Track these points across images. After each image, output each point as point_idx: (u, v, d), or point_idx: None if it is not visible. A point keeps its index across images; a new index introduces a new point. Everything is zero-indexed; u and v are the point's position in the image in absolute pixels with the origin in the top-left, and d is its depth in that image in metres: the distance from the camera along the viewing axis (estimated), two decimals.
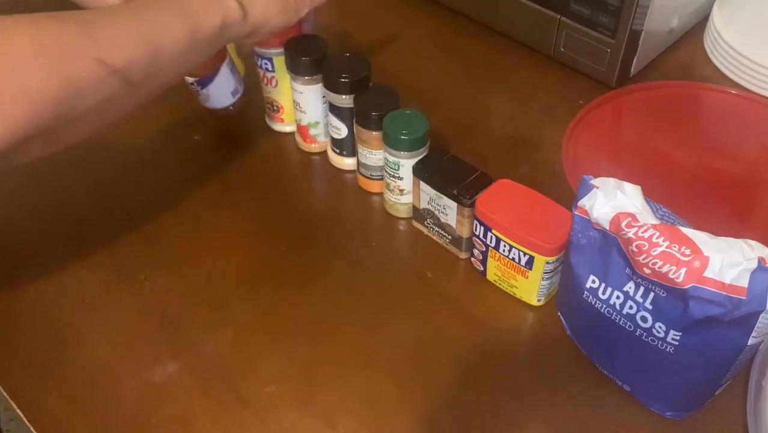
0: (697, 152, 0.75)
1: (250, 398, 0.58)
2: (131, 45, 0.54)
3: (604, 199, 0.51)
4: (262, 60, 0.74)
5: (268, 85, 0.75)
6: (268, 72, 0.74)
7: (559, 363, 0.60)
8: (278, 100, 0.76)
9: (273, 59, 0.73)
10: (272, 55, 0.73)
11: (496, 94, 0.83)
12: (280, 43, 0.71)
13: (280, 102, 0.76)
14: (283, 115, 0.77)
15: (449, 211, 0.64)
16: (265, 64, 0.74)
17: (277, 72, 0.74)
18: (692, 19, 0.89)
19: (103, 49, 0.52)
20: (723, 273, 0.46)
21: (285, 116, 0.77)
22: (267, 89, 0.76)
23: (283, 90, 0.75)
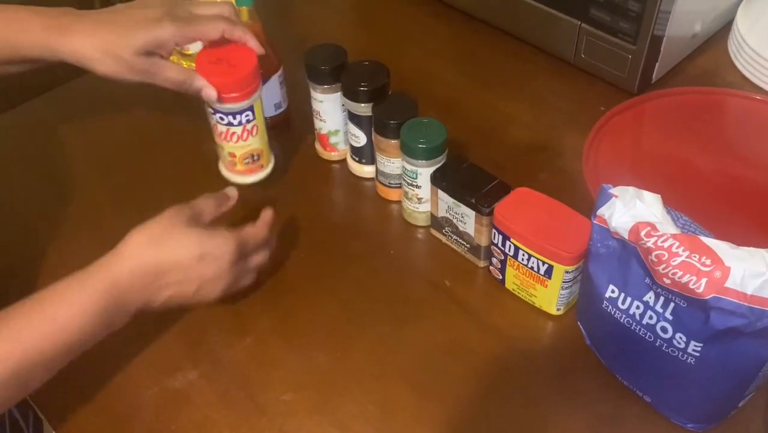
0: (720, 159, 0.74)
1: (267, 405, 0.58)
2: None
3: (624, 209, 0.51)
4: (239, 115, 0.67)
5: (250, 137, 0.69)
6: (248, 123, 0.68)
7: (578, 373, 0.59)
8: (260, 147, 0.71)
9: (253, 106, 0.68)
10: (254, 102, 0.67)
11: (516, 101, 0.83)
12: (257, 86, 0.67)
13: (261, 148, 0.71)
14: (263, 160, 0.72)
15: (467, 220, 0.64)
16: (245, 117, 0.67)
17: (258, 117, 0.69)
18: (716, 24, 0.87)
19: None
20: (745, 284, 0.45)
21: (264, 161, 0.72)
22: (247, 142, 0.69)
23: (262, 134, 0.70)
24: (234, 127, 0.68)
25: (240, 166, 0.71)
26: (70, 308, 0.53)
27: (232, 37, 0.65)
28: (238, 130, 0.68)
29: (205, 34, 0.64)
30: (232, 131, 0.68)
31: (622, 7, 0.75)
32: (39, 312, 0.52)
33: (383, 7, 0.97)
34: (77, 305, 0.53)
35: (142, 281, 0.55)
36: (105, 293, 0.54)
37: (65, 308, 0.53)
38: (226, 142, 0.69)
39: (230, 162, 0.71)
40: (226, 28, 0.64)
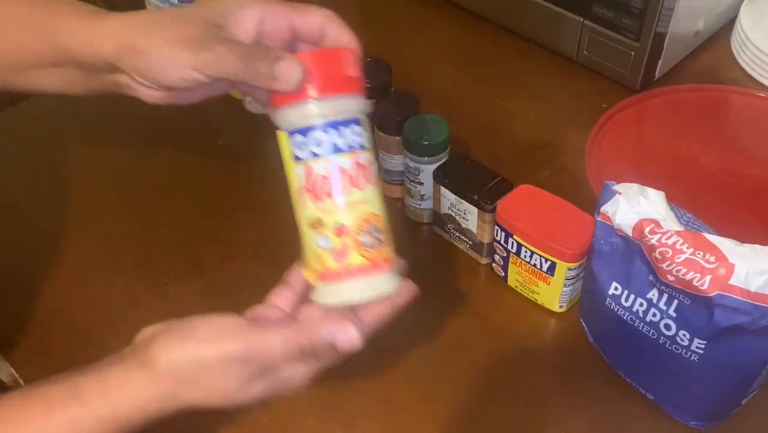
0: (723, 157, 0.74)
1: (270, 403, 0.58)
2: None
3: (627, 206, 0.50)
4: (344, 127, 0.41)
5: (365, 183, 0.42)
6: (361, 151, 0.42)
7: (581, 371, 0.59)
8: (379, 213, 0.44)
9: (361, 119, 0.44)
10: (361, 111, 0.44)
11: (518, 98, 0.83)
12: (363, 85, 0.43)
13: (381, 214, 0.44)
14: (389, 246, 0.45)
15: (470, 217, 0.64)
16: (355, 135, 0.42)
17: (369, 146, 0.44)
18: (719, 21, 0.87)
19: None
20: (749, 281, 0.45)
21: (391, 248, 0.45)
22: (361, 194, 0.42)
23: (379, 186, 0.44)
24: (340, 157, 0.40)
25: (354, 256, 0.41)
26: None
27: (336, 32, 0.47)
28: (346, 162, 0.40)
29: (305, 14, 0.46)
30: (337, 164, 0.40)
31: (625, 3, 0.75)
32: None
33: (385, 4, 0.97)
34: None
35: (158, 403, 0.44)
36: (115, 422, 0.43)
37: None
38: (318, 202, 0.41)
39: (327, 252, 0.42)
40: (333, 16, 0.47)
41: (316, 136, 0.40)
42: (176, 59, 0.43)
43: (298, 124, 0.41)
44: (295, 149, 0.41)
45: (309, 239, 0.42)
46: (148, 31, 0.44)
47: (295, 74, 0.41)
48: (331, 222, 0.41)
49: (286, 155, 0.42)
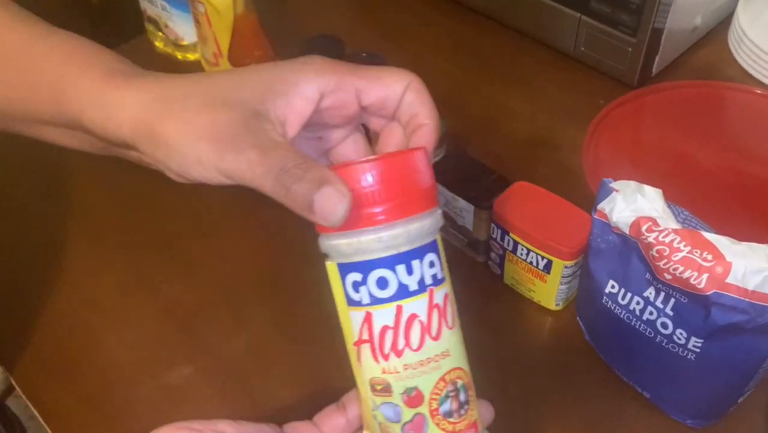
0: (721, 154, 0.73)
1: (265, 401, 0.58)
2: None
3: (624, 203, 0.50)
4: (419, 259, 0.34)
5: (443, 329, 0.35)
6: (437, 288, 0.35)
7: (577, 369, 0.59)
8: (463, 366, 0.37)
9: (438, 246, 0.36)
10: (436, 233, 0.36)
11: (515, 94, 0.82)
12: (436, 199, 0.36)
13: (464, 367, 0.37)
14: (475, 407, 0.38)
15: (466, 215, 0.63)
16: (430, 267, 0.35)
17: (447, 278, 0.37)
18: (716, 17, 0.87)
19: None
20: (746, 279, 0.45)
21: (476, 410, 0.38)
22: (438, 345, 0.35)
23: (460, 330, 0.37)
24: (413, 302, 0.33)
25: (432, 430, 0.34)
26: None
27: (417, 98, 0.39)
28: (421, 309, 0.33)
29: (379, 83, 0.38)
30: (411, 310, 0.33)
31: None
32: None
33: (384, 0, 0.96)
34: None
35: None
36: None
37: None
38: (382, 361, 0.34)
39: (395, 426, 0.34)
40: (417, 86, 0.39)
41: (379, 274, 0.31)
42: (198, 158, 0.35)
43: (354, 258, 0.31)
44: (350, 290, 0.32)
45: (370, 402, 0.33)
46: (171, 114, 0.35)
47: (339, 211, 0.31)
48: (401, 387, 0.32)
49: (338, 294, 0.33)
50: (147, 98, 0.36)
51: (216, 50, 0.80)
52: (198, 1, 0.77)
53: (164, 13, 0.84)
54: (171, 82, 0.37)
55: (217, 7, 0.76)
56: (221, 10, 0.76)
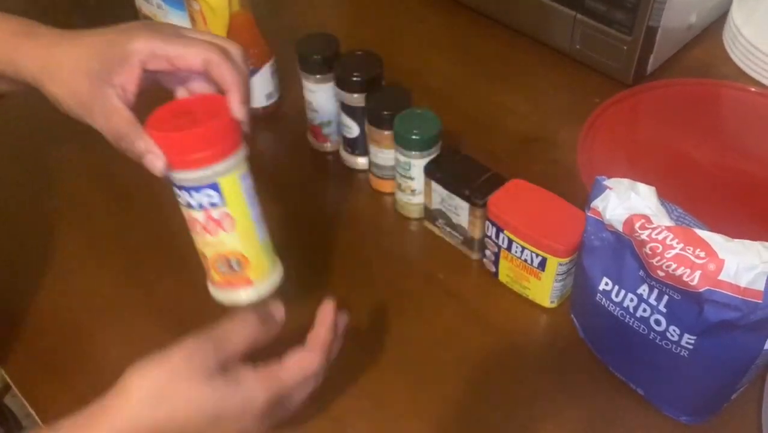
0: (715, 151, 0.74)
1: None
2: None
3: (618, 201, 0.50)
4: (197, 193, 0.48)
5: (218, 230, 0.49)
6: (212, 208, 0.48)
7: (572, 366, 0.59)
8: (239, 250, 0.50)
9: (219, 182, 0.48)
10: (217, 176, 0.48)
11: (510, 92, 0.82)
12: (224, 151, 0.47)
13: (242, 251, 0.50)
14: (250, 271, 0.51)
15: (461, 212, 0.63)
16: (207, 198, 0.48)
17: (230, 203, 0.49)
18: (711, 15, 0.87)
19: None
20: (739, 276, 0.45)
21: (252, 272, 0.51)
22: (215, 239, 0.49)
23: (245, 231, 0.50)
24: (194, 212, 0.48)
25: (214, 274, 0.51)
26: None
27: (216, 74, 0.48)
28: (199, 216, 0.48)
29: (184, 57, 0.47)
30: (193, 216, 0.49)
31: None
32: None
33: None
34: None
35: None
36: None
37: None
38: (192, 234, 0.51)
39: (206, 266, 0.52)
40: (213, 59, 0.47)
41: (179, 192, 0.49)
42: (76, 115, 0.49)
43: (173, 180, 0.49)
44: (174, 190, 0.49)
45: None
46: (53, 81, 0.49)
47: (158, 166, 0.47)
48: (199, 250, 0.52)
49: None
50: (38, 65, 0.49)
51: None
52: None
53: (159, 11, 0.84)
54: (54, 50, 0.49)
55: (213, 5, 0.76)
56: (216, 8, 0.76)
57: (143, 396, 0.43)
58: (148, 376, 0.44)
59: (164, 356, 0.44)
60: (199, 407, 0.43)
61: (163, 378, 0.43)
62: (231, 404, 0.44)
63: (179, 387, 0.43)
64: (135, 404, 0.43)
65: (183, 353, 0.44)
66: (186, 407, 0.43)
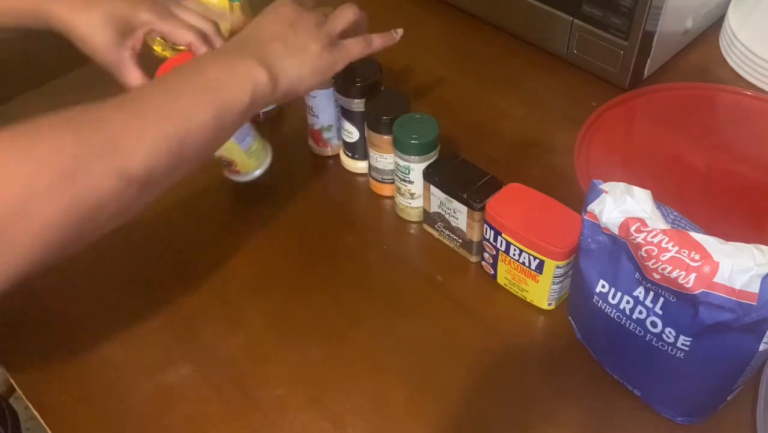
0: (711, 155, 0.74)
1: (261, 400, 0.58)
2: (155, 148, 0.49)
3: (614, 204, 0.51)
4: None
5: None
6: None
7: (569, 368, 0.60)
8: (228, 157, 0.69)
9: None
10: None
11: (508, 96, 0.83)
12: None
13: (230, 158, 0.69)
14: (239, 167, 0.70)
15: (460, 215, 0.64)
16: None
17: None
18: (707, 20, 0.88)
19: (125, 160, 0.48)
20: (733, 279, 0.46)
21: (240, 168, 0.70)
22: None
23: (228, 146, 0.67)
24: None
25: (223, 169, 0.71)
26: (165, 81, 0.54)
27: (197, 52, 0.63)
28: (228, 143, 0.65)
29: (172, 34, 0.63)
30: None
31: (614, 2, 0.75)
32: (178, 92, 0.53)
33: (376, 2, 0.97)
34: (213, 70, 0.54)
35: (241, 38, 0.59)
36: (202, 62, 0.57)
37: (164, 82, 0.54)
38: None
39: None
40: (194, 41, 0.63)
41: None
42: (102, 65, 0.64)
43: None
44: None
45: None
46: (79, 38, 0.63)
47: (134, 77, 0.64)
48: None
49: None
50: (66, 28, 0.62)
51: None
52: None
53: None
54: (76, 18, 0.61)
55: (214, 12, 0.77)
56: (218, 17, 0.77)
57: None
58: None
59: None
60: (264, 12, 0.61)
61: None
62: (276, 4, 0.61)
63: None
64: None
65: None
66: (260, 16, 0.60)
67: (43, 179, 0.44)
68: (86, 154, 0.46)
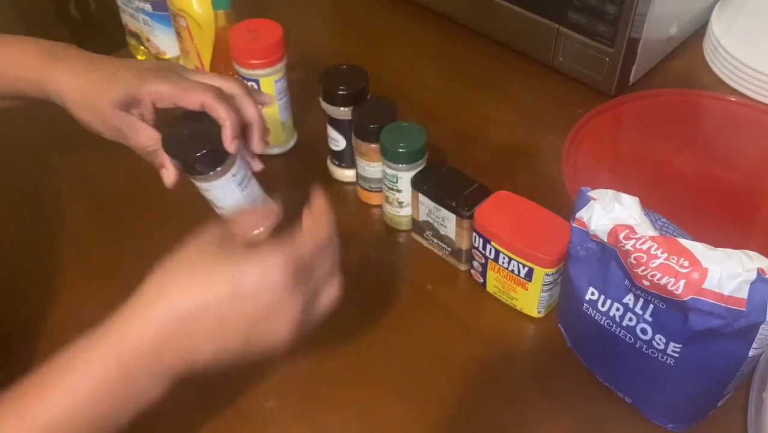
0: (697, 160, 0.75)
1: (250, 413, 0.58)
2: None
3: (602, 212, 0.51)
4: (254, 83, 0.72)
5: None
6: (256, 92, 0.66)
7: (560, 375, 0.60)
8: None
9: (260, 81, 0.70)
10: (258, 76, 0.71)
11: (495, 104, 0.83)
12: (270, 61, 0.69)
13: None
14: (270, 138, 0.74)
15: (448, 224, 0.64)
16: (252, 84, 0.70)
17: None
18: (691, 26, 0.88)
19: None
20: (722, 284, 0.46)
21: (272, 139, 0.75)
22: None
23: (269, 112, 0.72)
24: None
25: None
26: (84, 379, 0.44)
27: (212, 113, 0.56)
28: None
29: (183, 100, 0.56)
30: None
31: (599, 10, 0.76)
32: (52, 386, 0.44)
33: (362, 10, 0.97)
34: (95, 373, 0.44)
35: (171, 338, 0.44)
36: (125, 358, 0.44)
37: (80, 379, 0.44)
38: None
39: None
40: (207, 102, 0.55)
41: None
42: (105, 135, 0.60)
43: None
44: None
45: None
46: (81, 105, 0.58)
47: (168, 181, 0.59)
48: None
49: None
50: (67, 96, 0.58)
51: (198, 63, 0.80)
52: (180, 15, 0.78)
53: (146, 27, 0.84)
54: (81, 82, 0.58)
55: (199, 21, 0.76)
56: (203, 24, 0.76)
57: (165, 282, 0.46)
58: (167, 265, 0.47)
59: (181, 247, 0.47)
60: (217, 282, 0.44)
61: (181, 262, 0.46)
62: (248, 275, 0.44)
63: (196, 265, 0.45)
64: (157, 292, 0.46)
65: (194, 239, 0.47)
66: (205, 283, 0.44)
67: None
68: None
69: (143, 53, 0.88)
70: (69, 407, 0.43)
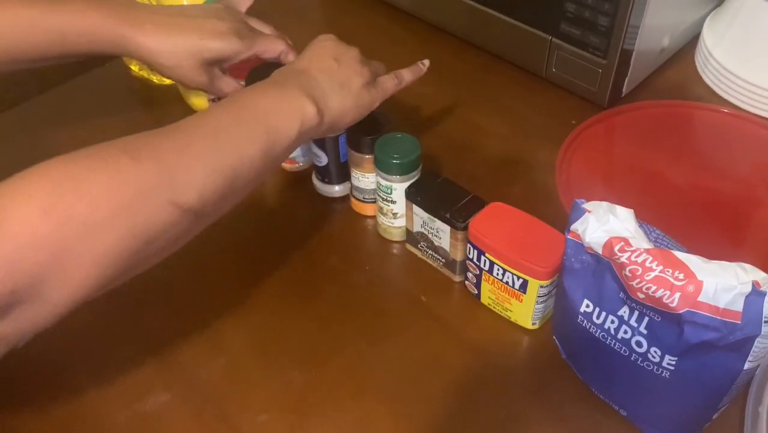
0: (690, 171, 0.75)
1: (242, 426, 0.57)
2: (210, 180, 0.50)
3: (597, 224, 0.51)
4: None
5: None
6: None
7: (555, 388, 0.59)
8: None
9: None
10: None
11: (489, 115, 0.83)
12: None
13: None
14: None
15: (443, 235, 0.64)
16: None
17: None
18: (683, 38, 0.89)
19: (179, 192, 0.48)
20: (717, 297, 0.46)
21: None
22: None
23: None
24: None
25: None
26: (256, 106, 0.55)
27: (286, 60, 0.67)
28: None
29: (266, 52, 0.67)
30: None
31: (592, 21, 0.76)
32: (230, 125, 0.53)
33: (355, 20, 0.97)
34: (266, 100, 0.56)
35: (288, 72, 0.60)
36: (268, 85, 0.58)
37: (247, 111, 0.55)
38: None
39: None
40: (284, 50, 0.67)
41: None
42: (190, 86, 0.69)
43: None
44: None
45: None
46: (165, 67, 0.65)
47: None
48: None
49: None
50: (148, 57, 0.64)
51: None
52: None
53: None
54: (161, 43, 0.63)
55: None
56: None
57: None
58: None
59: None
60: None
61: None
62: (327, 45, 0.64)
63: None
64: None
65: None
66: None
67: (101, 210, 0.44)
68: (144, 184, 0.46)
69: (136, 63, 0.87)
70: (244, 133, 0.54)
